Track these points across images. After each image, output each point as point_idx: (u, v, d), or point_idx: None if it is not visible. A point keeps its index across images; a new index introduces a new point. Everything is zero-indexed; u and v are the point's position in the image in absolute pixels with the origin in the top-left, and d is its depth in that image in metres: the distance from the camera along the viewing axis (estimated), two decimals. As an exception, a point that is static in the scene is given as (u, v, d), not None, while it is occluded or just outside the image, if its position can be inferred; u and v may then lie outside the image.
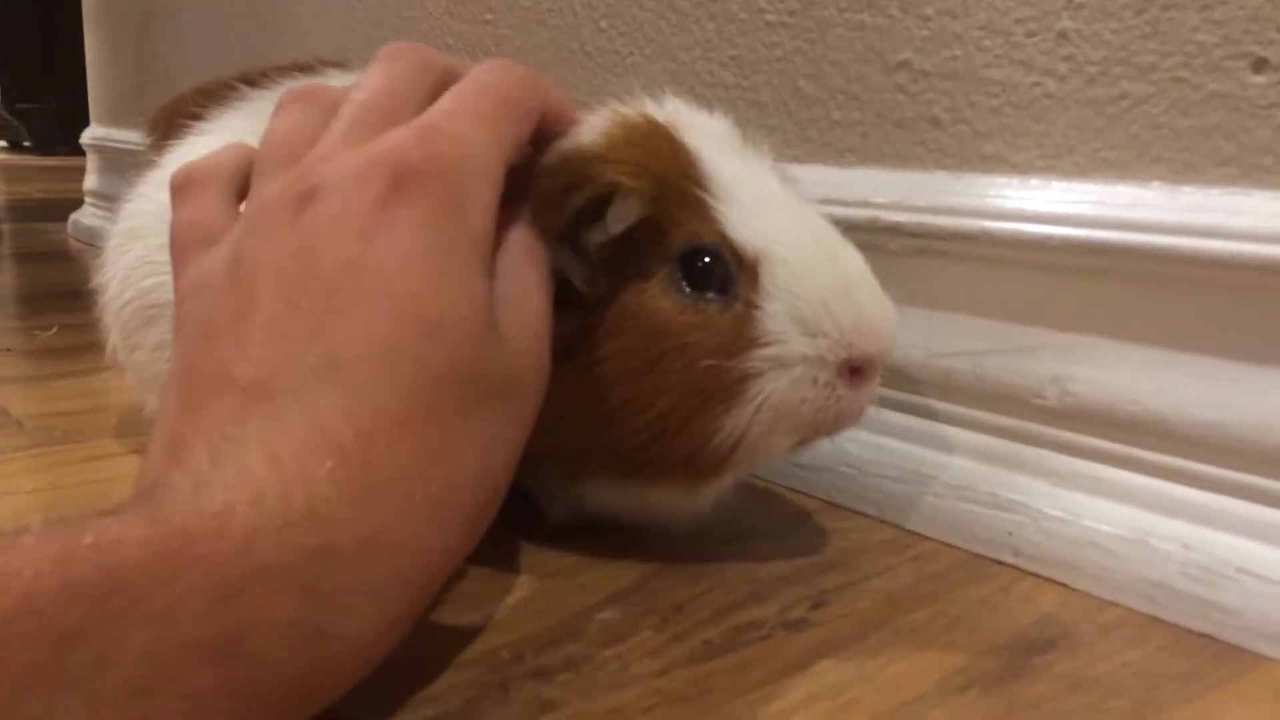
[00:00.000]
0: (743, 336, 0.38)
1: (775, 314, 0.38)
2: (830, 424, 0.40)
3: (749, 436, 0.38)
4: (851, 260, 0.40)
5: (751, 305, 0.38)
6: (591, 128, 0.40)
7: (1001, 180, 0.47)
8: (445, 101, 0.35)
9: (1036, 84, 0.45)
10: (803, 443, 0.41)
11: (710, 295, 0.38)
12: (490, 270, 0.34)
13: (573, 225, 0.38)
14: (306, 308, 0.30)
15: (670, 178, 0.39)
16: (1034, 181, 0.45)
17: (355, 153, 0.33)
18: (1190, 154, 0.41)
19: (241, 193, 0.38)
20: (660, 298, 0.38)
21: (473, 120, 0.34)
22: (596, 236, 0.38)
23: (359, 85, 0.36)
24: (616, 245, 0.38)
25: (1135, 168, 0.42)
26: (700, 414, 0.38)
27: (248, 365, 0.30)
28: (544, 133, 0.39)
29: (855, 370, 0.39)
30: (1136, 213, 0.41)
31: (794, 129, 0.56)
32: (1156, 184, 0.41)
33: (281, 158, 0.35)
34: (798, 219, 0.41)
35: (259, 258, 0.32)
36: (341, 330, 0.30)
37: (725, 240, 0.38)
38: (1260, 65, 0.38)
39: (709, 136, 0.41)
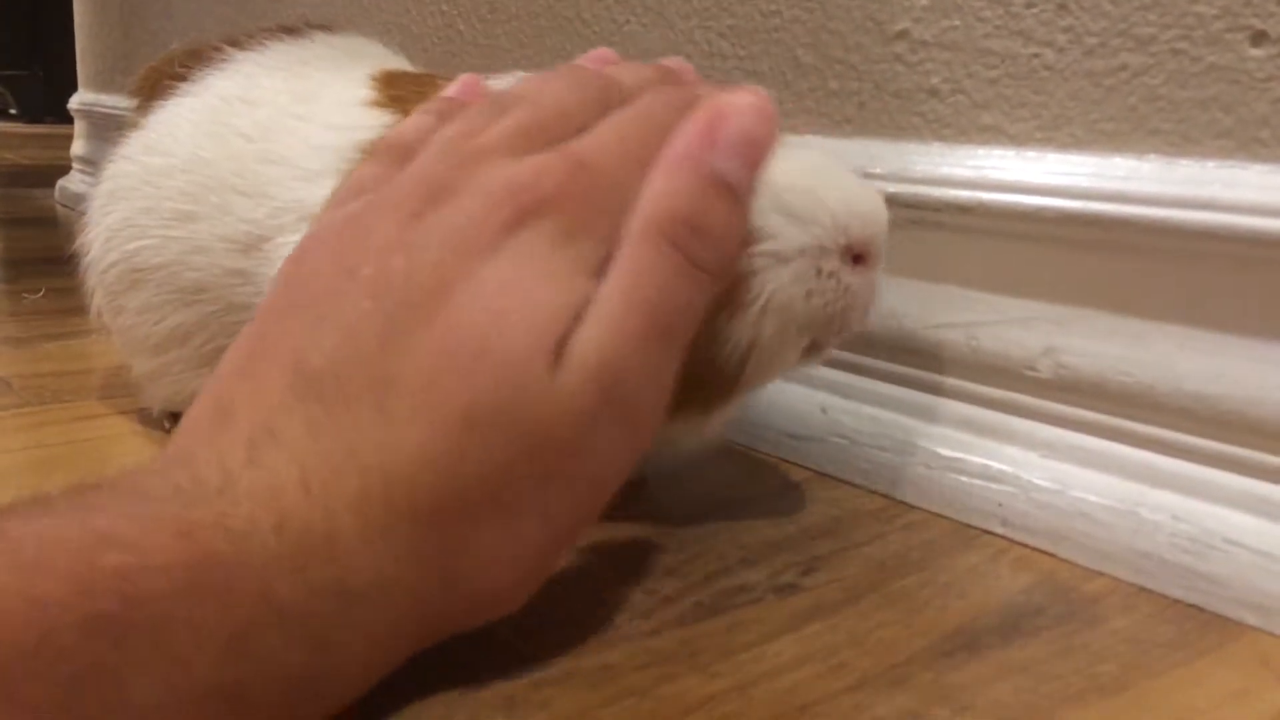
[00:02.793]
0: None
1: (762, 210, 0.37)
2: (840, 318, 0.38)
3: (759, 342, 0.37)
4: (825, 155, 0.40)
5: None
6: None
7: (998, 151, 0.47)
8: (604, 130, 0.33)
9: (1035, 55, 0.45)
10: (815, 348, 0.40)
11: None
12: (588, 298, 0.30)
13: None
14: (387, 312, 0.29)
15: None
16: (1031, 153, 0.45)
17: (501, 170, 0.31)
18: (1188, 126, 0.40)
19: None
20: None
21: (620, 158, 0.32)
22: None
23: (539, 91, 0.34)
24: None
25: (1132, 140, 0.42)
26: (704, 326, 0.36)
27: (316, 354, 0.29)
28: None
29: (857, 257, 0.38)
30: (1133, 185, 0.41)
31: (791, 99, 0.56)
32: (1153, 156, 0.41)
33: (442, 150, 0.33)
34: None
35: (372, 238, 0.31)
36: (407, 353, 0.28)
37: None
38: (1259, 38, 0.38)
39: None
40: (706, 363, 0.37)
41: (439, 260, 0.29)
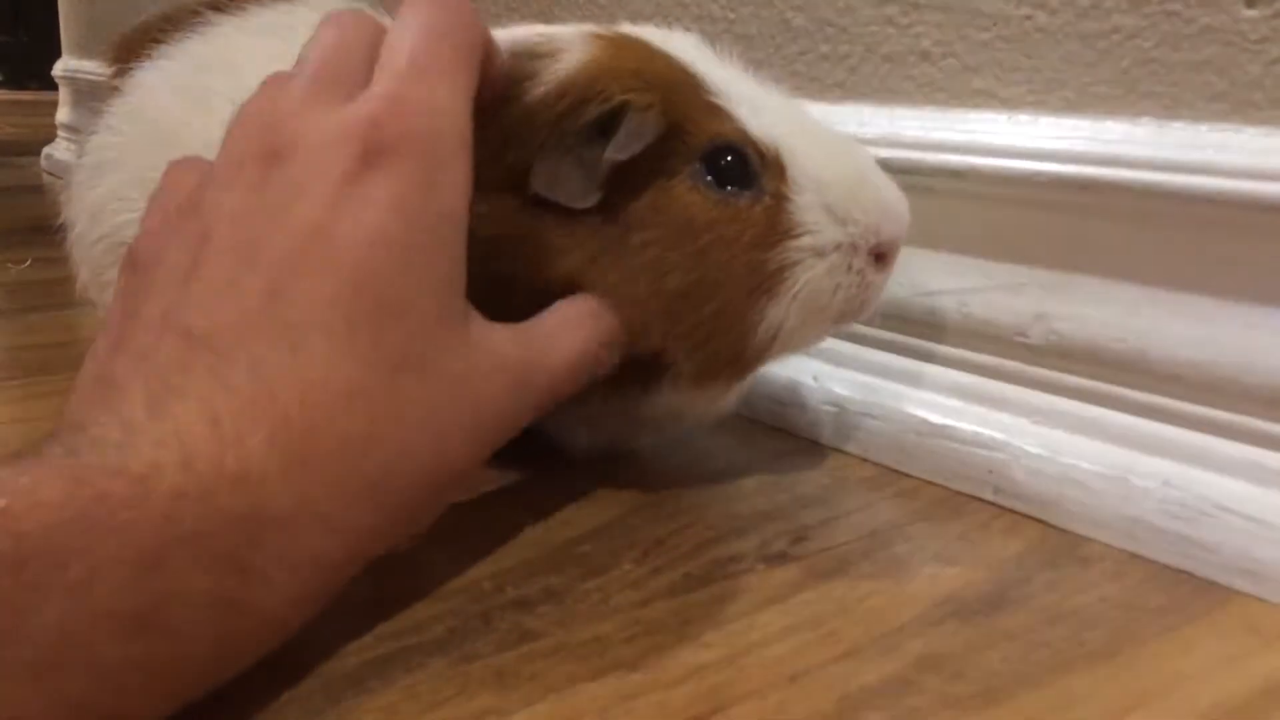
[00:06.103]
0: (777, 228, 0.39)
1: (807, 205, 0.39)
2: (857, 310, 0.41)
3: (785, 328, 0.39)
4: (859, 149, 0.42)
5: (782, 197, 0.39)
6: (573, 47, 0.39)
7: (990, 115, 0.46)
8: (401, 57, 0.33)
9: (1027, 17, 0.44)
10: (823, 333, 0.43)
11: (735, 190, 0.39)
12: (462, 251, 0.32)
13: (576, 139, 0.37)
14: (264, 265, 0.29)
15: (675, 84, 0.39)
16: (1023, 117, 0.45)
17: (327, 117, 0.32)
18: (1181, 89, 0.40)
19: None
20: (688, 193, 0.38)
21: (437, 78, 0.33)
22: (611, 154, 0.37)
23: (311, 46, 0.35)
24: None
25: (1125, 103, 0.42)
26: (748, 308, 0.39)
27: (197, 312, 0.29)
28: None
29: (879, 255, 0.40)
30: (1126, 149, 0.41)
31: (781, 62, 0.55)
32: (1146, 120, 0.41)
33: (254, 122, 0.34)
34: (800, 114, 0.42)
35: (220, 208, 0.31)
36: (301, 294, 0.29)
37: (746, 137, 0.39)
38: (1254, -1, 0.38)
39: (687, 47, 0.41)
40: (746, 341, 0.39)
41: (300, 212, 0.30)
